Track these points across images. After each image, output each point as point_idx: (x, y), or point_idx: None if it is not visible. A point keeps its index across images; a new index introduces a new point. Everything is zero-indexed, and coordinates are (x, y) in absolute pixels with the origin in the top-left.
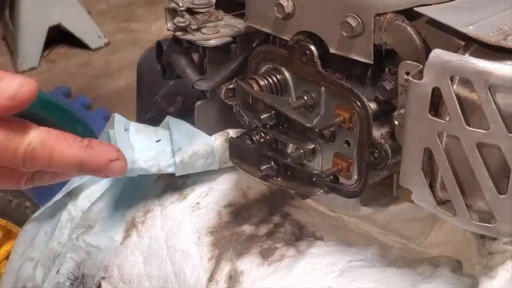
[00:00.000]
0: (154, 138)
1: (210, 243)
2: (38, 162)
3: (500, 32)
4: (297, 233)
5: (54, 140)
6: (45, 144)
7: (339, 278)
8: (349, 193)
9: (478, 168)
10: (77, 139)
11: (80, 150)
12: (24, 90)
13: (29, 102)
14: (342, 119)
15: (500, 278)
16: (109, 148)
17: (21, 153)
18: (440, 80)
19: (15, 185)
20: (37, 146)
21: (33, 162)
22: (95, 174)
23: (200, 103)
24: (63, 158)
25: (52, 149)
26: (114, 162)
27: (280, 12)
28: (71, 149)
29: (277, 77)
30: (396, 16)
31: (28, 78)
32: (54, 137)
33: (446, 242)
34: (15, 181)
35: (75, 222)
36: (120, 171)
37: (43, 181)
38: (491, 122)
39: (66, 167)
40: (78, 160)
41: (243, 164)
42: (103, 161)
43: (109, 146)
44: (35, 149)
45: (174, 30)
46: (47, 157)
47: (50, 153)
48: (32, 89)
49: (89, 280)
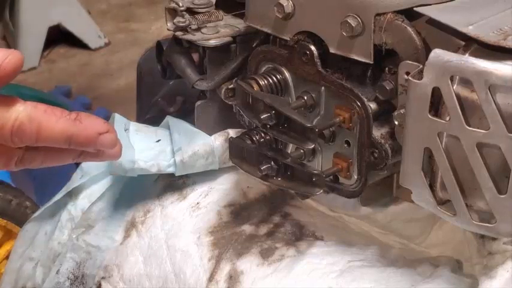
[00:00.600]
0: (154, 138)
1: (210, 243)
2: (26, 136)
3: (500, 32)
4: (297, 233)
5: (41, 114)
6: (33, 118)
7: (339, 278)
8: (349, 193)
9: (478, 168)
10: (65, 112)
11: (69, 124)
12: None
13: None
14: (342, 119)
15: (500, 278)
16: (98, 121)
17: (8, 128)
18: (440, 80)
19: (5, 165)
20: (24, 120)
21: (21, 137)
22: (85, 147)
23: (200, 103)
24: (52, 132)
25: (40, 123)
26: (104, 135)
27: (280, 12)
28: (59, 123)
29: (277, 77)
30: (396, 16)
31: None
32: (41, 111)
33: (446, 242)
34: (5, 161)
35: (75, 222)
36: (110, 144)
37: (34, 163)
38: (491, 122)
39: (54, 141)
40: (66, 134)
41: (243, 164)
42: (92, 134)
43: (98, 119)
44: (22, 124)
45: (174, 30)
46: (35, 131)
47: (38, 127)
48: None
49: (89, 280)
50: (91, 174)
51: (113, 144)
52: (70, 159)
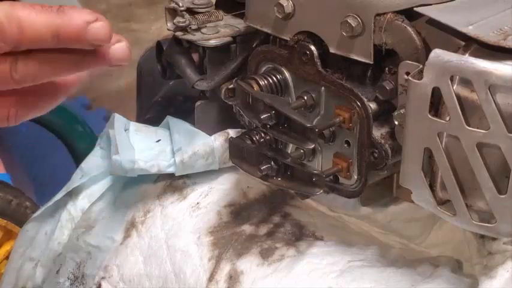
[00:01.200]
0: (154, 138)
1: (210, 243)
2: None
3: (500, 32)
4: (297, 233)
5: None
6: (11, 15)
7: (339, 278)
8: (349, 193)
9: (478, 168)
10: (45, 6)
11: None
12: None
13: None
14: (342, 119)
15: (500, 278)
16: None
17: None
18: (440, 80)
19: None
20: (2, 19)
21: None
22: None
23: (200, 103)
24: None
25: (19, 18)
26: (93, 23)
27: (280, 12)
28: (41, 16)
29: (277, 77)
30: (396, 16)
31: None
32: (19, 7)
33: (446, 242)
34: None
35: (75, 222)
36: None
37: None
38: (491, 122)
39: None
40: (51, 27)
41: (243, 164)
42: (80, 23)
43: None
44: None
45: (174, 30)
46: (16, 29)
47: (19, 24)
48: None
49: (89, 280)
50: (91, 174)
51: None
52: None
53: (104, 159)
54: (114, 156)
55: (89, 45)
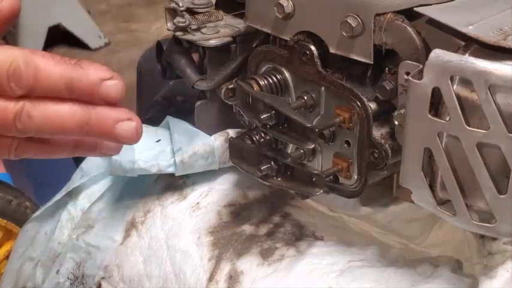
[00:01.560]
0: (154, 138)
1: (210, 243)
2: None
3: (500, 32)
4: (297, 233)
5: (39, 58)
6: (29, 62)
7: (339, 278)
8: (349, 193)
9: (478, 168)
10: (64, 58)
11: (68, 68)
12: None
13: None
14: (342, 119)
15: (500, 278)
16: (100, 67)
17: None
18: (440, 80)
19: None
20: (21, 64)
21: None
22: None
23: (200, 103)
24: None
25: (37, 66)
26: (108, 81)
27: (280, 12)
28: (58, 67)
29: (277, 77)
30: (396, 16)
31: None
32: (39, 56)
33: (446, 242)
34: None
35: (75, 222)
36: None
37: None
38: (491, 122)
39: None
40: (66, 79)
41: (243, 164)
42: (94, 79)
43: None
44: (18, 67)
45: (174, 30)
46: (32, 76)
47: (35, 71)
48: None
49: (89, 280)
50: (91, 174)
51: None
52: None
53: (104, 159)
54: (114, 156)
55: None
